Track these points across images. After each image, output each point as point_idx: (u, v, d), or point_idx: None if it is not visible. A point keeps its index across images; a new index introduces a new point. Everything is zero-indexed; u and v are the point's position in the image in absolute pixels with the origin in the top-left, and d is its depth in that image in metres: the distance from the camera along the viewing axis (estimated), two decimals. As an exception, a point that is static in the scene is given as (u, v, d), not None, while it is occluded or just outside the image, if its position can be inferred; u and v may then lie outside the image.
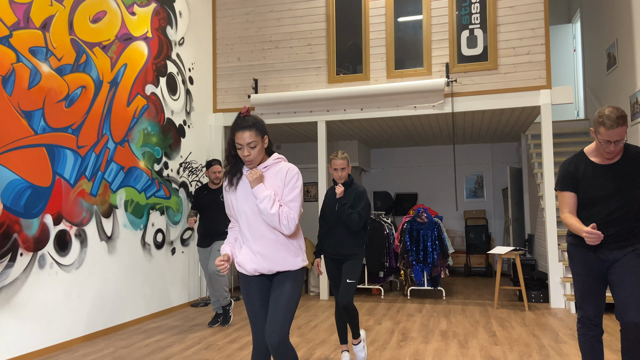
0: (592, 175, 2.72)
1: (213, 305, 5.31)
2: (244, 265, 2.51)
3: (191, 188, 6.59)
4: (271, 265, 2.48)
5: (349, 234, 3.73)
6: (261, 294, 2.55)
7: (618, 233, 2.68)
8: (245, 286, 2.57)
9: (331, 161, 3.79)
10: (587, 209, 2.75)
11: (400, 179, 10.30)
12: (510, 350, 4.14)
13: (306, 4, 7.02)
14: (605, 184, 2.70)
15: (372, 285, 6.90)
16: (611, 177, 2.69)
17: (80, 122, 4.73)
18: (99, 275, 4.90)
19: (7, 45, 4.02)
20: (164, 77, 6.09)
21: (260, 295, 2.55)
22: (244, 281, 2.57)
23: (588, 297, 2.75)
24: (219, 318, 5.29)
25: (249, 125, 2.42)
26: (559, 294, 5.96)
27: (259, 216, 2.47)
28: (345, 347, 3.89)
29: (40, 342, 4.21)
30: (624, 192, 2.67)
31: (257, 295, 2.54)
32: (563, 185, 2.80)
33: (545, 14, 6.19)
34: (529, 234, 8.29)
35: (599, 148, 2.71)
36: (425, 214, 6.71)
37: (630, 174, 2.68)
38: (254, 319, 2.54)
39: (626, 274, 2.63)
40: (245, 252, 2.52)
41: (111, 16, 5.19)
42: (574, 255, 2.82)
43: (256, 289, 2.55)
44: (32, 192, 4.18)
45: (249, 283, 2.56)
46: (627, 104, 6.35)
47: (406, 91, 6.41)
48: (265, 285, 2.57)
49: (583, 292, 2.76)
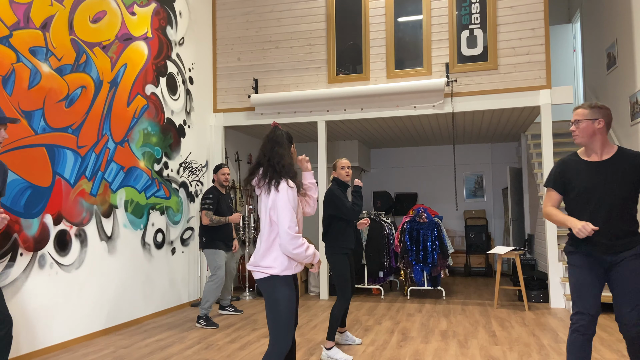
0: (582, 171, 2.81)
1: (223, 302, 5.83)
2: (298, 267, 2.62)
3: (191, 188, 6.60)
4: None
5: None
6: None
7: (607, 230, 2.72)
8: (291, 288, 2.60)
9: (338, 162, 4.34)
10: (578, 204, 2.81)
11: (400, 179, 10.30)
12: (510, 350, 4.14)
13: (306, 4, 7.03)
14: (593, 179, 2.77)
15: (372, 285, 6.91)
16: (599, 173, 2.76)
17: (80, 122, 4.73)
18: (99, 275, 4.90)
19: (7, 45, 4.02)
20: (164, 77, 6.09)
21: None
22: (291, 283, 2.59)
23: (584, 293, 2.73)
24: (227, 307, 5.86)
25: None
26: (559, 293, 5.96)
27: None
28: (343, 329, 4.39)
29: (40, 342, 4.21)
30: (610, 188, 2.73)
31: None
32: (548, 182, 2.94)
33: (545, 14, 6.20)
34: (529, 234, 8.29)
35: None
36: (425, 214, 6.72)
37: (618, 171, 2.74)
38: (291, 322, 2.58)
39: (624, 275, 2.68)
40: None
41: (111, 16, 5.19)
42: (574, 262, 2.83)
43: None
44: (32, 192, 4.18)
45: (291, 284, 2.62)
46: (627, 104, 6.35)
47: (406, 91, 6.41)
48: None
49: (580, 288, 2.76)
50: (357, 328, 5.03)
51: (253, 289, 7.20)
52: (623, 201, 2.72)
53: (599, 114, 2.75)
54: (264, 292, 2.56)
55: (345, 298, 4.06)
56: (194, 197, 6.65)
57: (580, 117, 2.78)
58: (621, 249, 2.71)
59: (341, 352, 3.93)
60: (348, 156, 8.99)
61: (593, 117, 2.75)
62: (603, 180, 2.76)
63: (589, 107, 2.77)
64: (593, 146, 2.79)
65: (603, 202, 2.74)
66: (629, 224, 2.72)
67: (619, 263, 2.71)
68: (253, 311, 5.98)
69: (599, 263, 2.77)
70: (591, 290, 2.72)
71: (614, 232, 2.72)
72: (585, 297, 2.72)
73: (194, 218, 6.62)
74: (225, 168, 5.53)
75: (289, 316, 2.51)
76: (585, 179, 2.79)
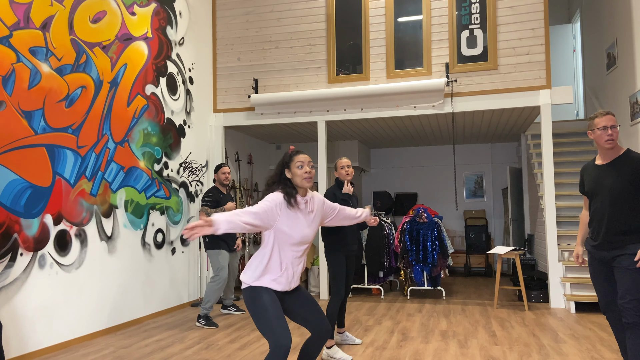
0: (591, 174, 3.10)
1: (225, 302, 5.87)
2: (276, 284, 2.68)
3: (191, 188, 6.60)
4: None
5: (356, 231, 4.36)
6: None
7: (611, 228, 2.98)
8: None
9: (338, 162, 4.37)
10: (591, 204, 3.11)
11: (400, 179, 10.30)
12: (510, 350, 4.14)
13: (306, 4, 7.03)
14: (602, 181, 3.03)
15: (372, 285, 6.91)
16: (607, 175, 3.01)
17: (80, 122, 4.73)
18: (99, 275, 4.90)
19: (7, 45, 4.02)
20: (164, 77, 6.09)
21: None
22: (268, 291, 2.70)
23: (597, 289, 3.13)
24: (230, 307, 5.89)
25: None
26: (559, 293, 5.96)
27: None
28: (342, 329, 4.41)
29: (40, 342, 4.21)
30: (616, 189, 2.96)
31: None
32: (579, 188, 3.30)
33: (545, 14, 6.20)
34: (529, 234, 8.29)
35: (598, 140, 3.03)
36: (425, 213, 6.72)
37: (624, 174, 2.95)
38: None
39: (619, 272, 2.95)
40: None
41: (111, 16, 5.19)
42: (589, 260, 3.19)
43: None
44: (32, 192, 4.18)
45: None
46: (627, 104, 6.35)
47: (406, 91, 6.41)
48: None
49: (594, 285, 3.15)
50: (357, 328, 5.03)
51: (253, 289, 7.20)
52: (618, 201, 2.94)
53: (617, 121, 3.08)
54: (246, 304, 2.66)
55: (339, 295, 4.07)
56: (194, 197, 6.65)
57: (614, 123, 2.98)
58: (611, 247, 2.98)
59: (341, 352, 3.94)
60: (348, 156, 8.99)
61: (617, 123, 3.05)
62: (602, 181, 3.02)
63: (612, 114, 3.01)
64: (612, 150, 3.03)
65: (601, 202, 3.01)
66: (624, 224, 2.93)
67: (616, 259, 2.98)
68: (253, 311, 5.98)
69: (602, 259, 3.07)
70: (599, 287, 3.11)
71: (610, 230, 2.97)
72: (599, 296, 3.11)
73: (194, 218, 6.62)
74: (225, 167, 5.56)
75: (273, 318, 2.53)
76: (591, 180, 3.10)
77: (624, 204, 2.91)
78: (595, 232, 3.06)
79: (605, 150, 3.03)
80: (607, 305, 3.08)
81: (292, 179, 2.70)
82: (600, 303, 3.12)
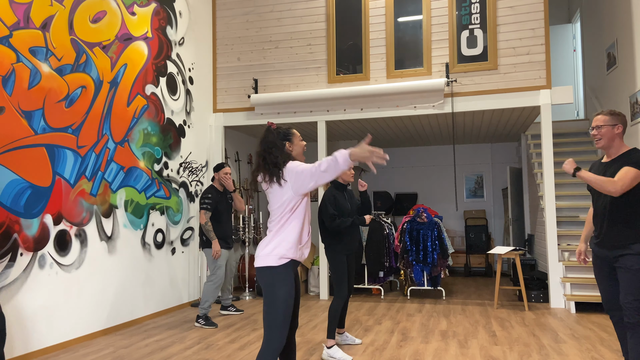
0: (598, 171, 3.15)
1: (224, 302, 5.85)
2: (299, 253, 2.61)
3: (191, 188, 6.60)
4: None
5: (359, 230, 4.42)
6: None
7: (610, 227, 3.01)
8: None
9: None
10: (595, 200, 3.15)
11: (400, 179, 10.30)
12: (510, 350, 4.14)
13: (306, 4, 7.03)
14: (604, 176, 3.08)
15: (372, 285, 6.91)
16: (608, 171, 3.04)
17: (80, 122, 4.73)
18: (99, 275, 4.90)
19: (7, 45, 4.02)
20: (164, 77, 6.09)
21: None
22: (291, 280, 2.60)
23: (600, 289, 3.16)
24: (229, 308, 5.86)
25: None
26: (559, 293, 5.96)
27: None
28: (342, 330, 4.43)
29: (40, 342, 4.21)
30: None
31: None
32: (587, 185, 3.27)
33: (545, 14, 6.20)
34: (529, 234, 8.29)
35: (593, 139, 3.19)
36: (425, 213, 6.72)
37: (613, 172, 3.00)
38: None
39: (622, 272, 2.97)
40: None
41: (111, 16, 5.19)
42: (593, 259, 3.22)
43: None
44: (32, 192, 4.18)
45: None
46: (627, 104, 6.35)
47: (406, 91, 6.41)
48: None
49: (598, 284, 3.18)
50: (357, 328, 5.03)
51: (253, 289, 7.20)
52: (615, 199, 2.98)
53: (618, 120, 3.02)
54: (262, 284, 2.55)
55: (341, 295, 4.12)
56: (194, 197, 6.65)
57: (601, 123, 3.02)
58: (613, 245, 2.99)
59: (341, 351, 3.94)
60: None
61: (612, 122, 3.01)
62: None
63: (609, 114, 3.02)
64: (611, 149, 3.07)
65: (603, 198, 3.06)
66: (622, 223, 2.97)
67: (618, 259, 2.99)
68: (253, 311, 5.98)
69: (601, 260, 3.11)
70: (602, 286, 3.13)
71: (611, 226, 3.00)
72: (603, 295, 3.13)
73: (194, 218, 6.62)
74: (227, 168, 5.45)
75: (286, 315, 2.50)
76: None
77: (624, 199, 2.96)
78: (597, 228, 3.10)
79: (610, 149, 3.10)
80: (611, 304, 3.11)
81: (292, 152, 2.66)
82: (603, 302, 3.15)
